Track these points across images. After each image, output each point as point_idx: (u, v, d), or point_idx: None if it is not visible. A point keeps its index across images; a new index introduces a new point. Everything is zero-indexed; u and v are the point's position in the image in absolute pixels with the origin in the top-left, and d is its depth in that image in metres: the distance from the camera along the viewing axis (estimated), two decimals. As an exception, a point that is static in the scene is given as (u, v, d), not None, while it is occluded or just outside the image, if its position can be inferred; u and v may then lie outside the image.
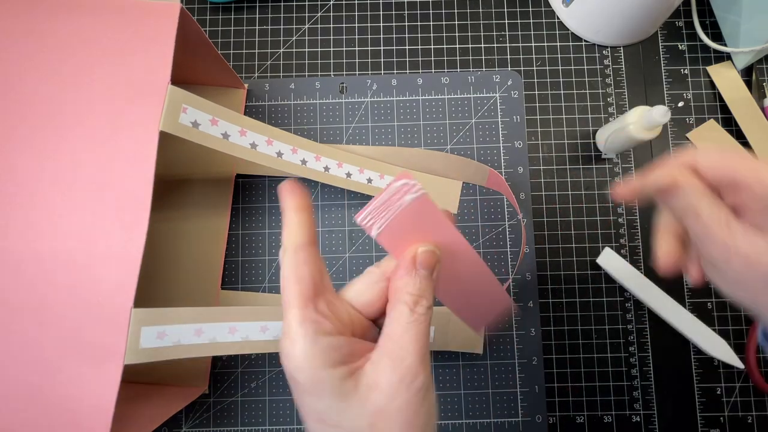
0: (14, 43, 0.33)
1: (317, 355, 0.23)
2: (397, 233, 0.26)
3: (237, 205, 0.50)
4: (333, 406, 0.24)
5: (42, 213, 0.31)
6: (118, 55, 0.34)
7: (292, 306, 0.25)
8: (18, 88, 0.32)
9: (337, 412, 0.24)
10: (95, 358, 0.31)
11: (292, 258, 0.26)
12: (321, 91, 0.52)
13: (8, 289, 0.31)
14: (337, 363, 0.24)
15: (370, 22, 0.54)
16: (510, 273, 0.49)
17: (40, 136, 0.32)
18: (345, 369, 0.24)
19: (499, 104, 0.52)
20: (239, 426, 0.47)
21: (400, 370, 0.24)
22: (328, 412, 0.24)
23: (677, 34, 0.53)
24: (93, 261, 0.31)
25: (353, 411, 0.23)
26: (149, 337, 0.32)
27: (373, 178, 0.47)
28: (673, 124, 0.52)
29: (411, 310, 0.25)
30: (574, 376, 0.48)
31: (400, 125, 0.52)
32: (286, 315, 0.25)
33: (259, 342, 0.37)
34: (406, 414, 0.23)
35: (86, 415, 0.30)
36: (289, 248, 0.26)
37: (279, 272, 0.48)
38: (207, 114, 0.35)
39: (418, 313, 0.25)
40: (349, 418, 0.23)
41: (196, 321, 0.34)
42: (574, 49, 0.53)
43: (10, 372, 0.31)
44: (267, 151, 0.40)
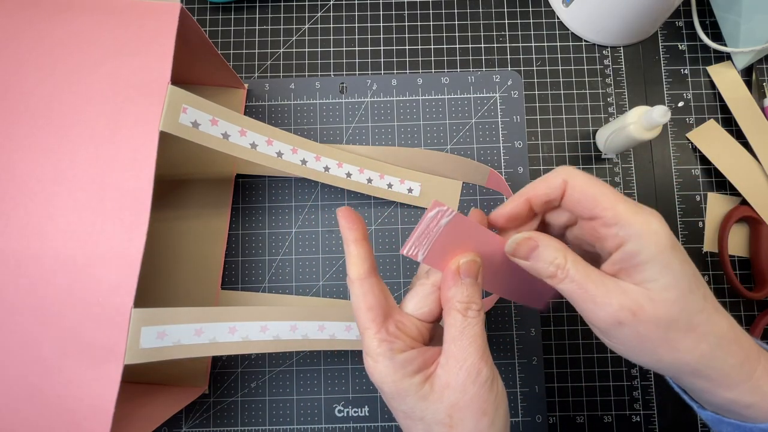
0: (14, 43, 0.33)
1: (396, 369, 0.28)
2: (439, 253, 0.29)
3: (237, 205, 0.50)
4: (415, 406, 0.28)
5: (42, 213, 0.31)
6: (118, 55, 0.34)
7: (368, 331, 0.29)
8: (18, 88, 0.32)
9: (419, 410, 0.28)
10: (95, 359, 0.31)
11: (359, 288, 0.29)
12: (321, 91, 0.52)
13: (8, 290, 0.31)
14: (414, 372, 0.28)
15: (370, 22, 0.54)
16: (510, 273, 0.49)
17: (40, 136, 0.32)
18: (421, 376, 0.28)
19: (499, 104, 0.52)
20: (239, 426, 0.47)
21: (465, 369, 0.27)
22: (412, 410, 0.28)
23: (677, 34, 0.54)
24: (93, 261, 0.31)
25: (433, 407, 0.28)
26: (149, 337, 0.32)
27: (373, 178, 0.47)
28: (673, 124, 0.52)
29: (463, 316, 0.28)
30: (574, 376, 0.48)
31: (400, 125, 0.52)
32: (365, 338, 0.29)
33: (260, 342, 0.37)
34: (477, 403, 0.27)
35: (86, 416, 0.30)
36: (356, 280, 0.30)
37: (279, 272, 0.49)
38: (207, 114, 0.35)
39: (470, 317, 0.28)
40: (430, 413, 0.28)
41: (196, 321, 0.34)
42: (574, 49, 0.53)
43: (10, 372, 0.31)
44: (267, 151, 0.40)
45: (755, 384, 0.26)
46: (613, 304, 0.26)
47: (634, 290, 0.26)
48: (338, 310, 0.40)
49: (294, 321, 0.39)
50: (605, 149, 0.49)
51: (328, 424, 0.47)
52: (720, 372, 0.26)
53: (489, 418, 0.27)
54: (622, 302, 0.26)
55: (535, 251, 0.28)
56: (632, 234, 0.26)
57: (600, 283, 0.27)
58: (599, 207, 0.27)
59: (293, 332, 0.38)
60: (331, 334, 0.40)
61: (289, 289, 0.49)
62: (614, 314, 0.26)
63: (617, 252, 0.27)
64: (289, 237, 0.50)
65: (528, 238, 0.29)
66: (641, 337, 0.26)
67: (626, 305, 0.26)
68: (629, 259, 0.27)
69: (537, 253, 0.28)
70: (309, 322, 0.39)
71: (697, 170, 0.51)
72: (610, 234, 0.27)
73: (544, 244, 0.28)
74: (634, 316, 0.26)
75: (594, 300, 0.27)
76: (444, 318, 0.29)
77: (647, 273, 0.26)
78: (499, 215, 0.31)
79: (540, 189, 0.30)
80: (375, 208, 0.50)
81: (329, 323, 0.40)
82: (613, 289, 0.26)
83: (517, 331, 0.48)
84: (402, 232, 0.50)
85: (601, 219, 0.27)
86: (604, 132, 0.49)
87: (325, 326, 0.40)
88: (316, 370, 0.48)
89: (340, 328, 0.40)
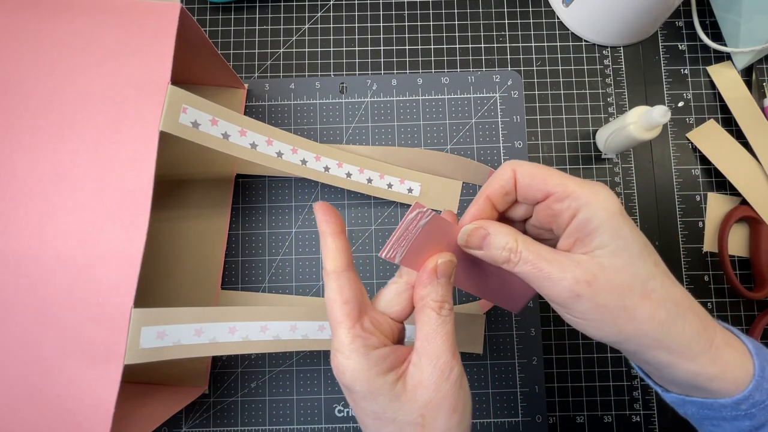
0: (14, 43, 0.33)
1: (370, 366, 0.27)
2: (416, 254, 0.30)
3: (237, 205, 0.50)
4: (388, 407, 0.27)
5: (42, 213, 0.31)
6: (118, 55, 0.34)
7: (341, 325, 0.28)
8: (18, 88, 0.32)
9: (392, 411, 0.27)
10: (95, 359, 0.31)
11: (335, 282, 0.29)
12: (321, 91, 0.52)
13: (8, 290, 0.31)
14: (387, 370, 0.28)
15: (370, 22, 0.54)
16: (510, 273, 0.49)
17: (40, 136, 0.32)
18: (393, 374, 0.28)
19: (499, 104, 0.52)
20: (239, 426, 0.47)
21: (438, 366, 0.27)
22: (384, 411, 0.27)
23: (677, 34, 0.54)
24: (93, 261, 0.31)
25: (405, 407, 0.27)
26: (149, 337, 0.32)
27: (373, 178, 0.47)
28: (673, 124, 0.52)
29: (437, 314, 0.29)
30: (574, 376, 0.48)
31: (400, 125, 0.52)
32: (337, 333, 0.28)
33: (259, 342, 0.37)
34: (449, 401, 0.27)
35: (86, 416, 0.30)
36: (332, 273, 0.29)
37: (279, 272, 0.49)
38: (207, 114, 0.35)
39: (443, 315, 0.29)
40: (402, 413, 0.27)
41: (196, 321, 0.34)
42: (574, 49, 0.53)
43: (10, 372, 0.31)
44: (267, 151, 0.40)
45: (715, 353, 0.27)
46: (568, 278, 0.26)
47: (586, 260, 0.27)
48: None
49: (294, 321, 0.39)
50: (605, 149, 0.49)
51: (328, 424, 0.47)
52: (680, 341, 0.27)
53: (459, 415, 0.28)
54: (576, 275, 0.26)
55: (487, 239, 0.29)
56: (582, 203, 0.27)
57: (553, 259, 0.27)
58: (549, 184, 0.28)
59: (293, 332, 0.38)
60: (330, 335, 0.40)
61: (289, 289, 0.49)
62: (570, 288, 0.26)
63: (571, 223, 0.28)
64: (289, 237, 0.50)
65: (478, 227, 0.29)
66: (599, 308, 0.26)
67: (581, 277, 0.26)
68: (582, 228, 0.27)
69: (488, 241, 0.29)
70: (309, 322, 0.39)
71: (697, 170, 0.51)
72: (563, 208, 0.28)
73: (495, 230, 0.29)
74: (590, 286, 0.26)
75: (549, 277, 0.27)
76: (416, 316, 0.30)
77: (599, 239, 0.27)
78: (466, 219, 0.31)
79: (495, 184, 0.30)
80: (375, 208, 0.50)
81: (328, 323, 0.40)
82: (567, 263, 0.27)
83: (517, 331, 0.48)
84: (402, 232, 0.50)
85: (553, 195, 0.28)
86: (604, 132, 0.49)
87: (324, 326, 0.40)
88: (316, 370, 0.48)
89: None
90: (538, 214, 0.30)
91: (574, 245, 0.28)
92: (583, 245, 0.28)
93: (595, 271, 0.26)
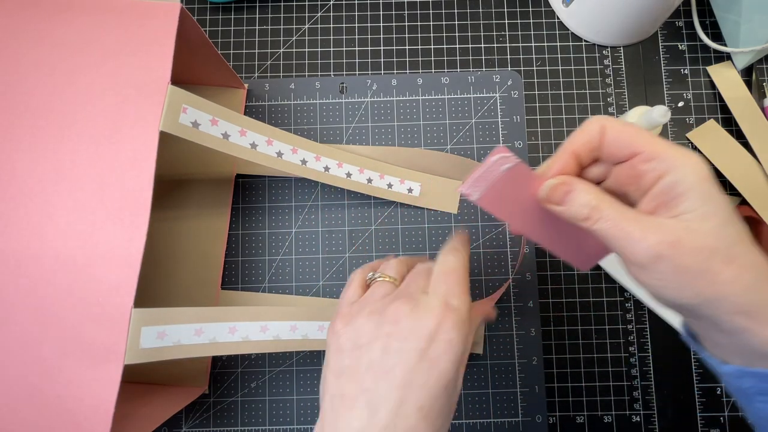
0: (14, 43, 0.33)
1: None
2: (495, 198, 0.30)
3: (237, 205, 0.50)
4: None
5: (42, 213, 0.31)
6: (119, 55, 0.34)
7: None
8: (18, 88, 0.32)
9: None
10: (95, 359, 0.31)
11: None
12: (321, 91, 0.52)
13: (8, 290, 0.31)
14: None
15: (370, 22, 0.54)
16: (510, 273, 0.49)
17: (40, 136, 0.32)
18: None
19: (499, 104, 0.52)
20: (239, 426, 0.47)
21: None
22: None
23: (677, 34, 0.54)
24: (93, 261, 0.31)
25: None
26: (149, 337, 0.32)
27: (373, 178, 0.47)
28: (673, 124, 0.52)
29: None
30: (574, 376, 0.48)
31: (400, 125, 0.52)
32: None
33: (260, 342, 0.37)
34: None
35: (86, 416, 0.30)
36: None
37: (279, 272, 0.49)
38: (207, 114, 0.35)
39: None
40: None
41: (196, 321, 0.34)
42: (574, 49, 0.53)
43: (10, 372, 0.31)
44: (267, 151, 0.40)
45: None
46: (650, 239, 0.26)
47: (672, 223, 0.26)
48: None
49: (294, 321, 0.39)
50: (605, 149, 0.49)
51: (328, 424, 0.47)
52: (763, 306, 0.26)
53: None
54: (660, 236, 0.26)
55: (569, 195, 0.28)
56: (672, 166, 0.26)
57: (636, 220, 0.27)
58: (638, 143, 0.27)
59: (293, 332, 0.38)
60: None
61: (289, 289, 0.49)
62: (653, 248, 0.26)
63: (656, 185, 0.27)
64: (289, 237, 0.50)
65: (562, 183, 0.29)
66: (680, 270, 0.26)
67: (664, 239, 0.25)
68: (669, 191, 0.26)
69: (571, 197, 0.28)
70: (309, 322, 0.39)
71: (697, 170, 0.51)
72: (649, 169, 0.27)
73: (578, 188, 0.28)
74: (673, 248, 0.25)
75: (631, 236, 0.26)
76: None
77: (687, 203, 0.26)
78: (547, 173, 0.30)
79: (581, 138, 0.29)
80: (375, 208, 0.50)
81: (328, 324, 0.40)
82: (650, 224, 0.26)
83: (517, 331, 0.48)
84: (402, 232, 0.50)
85: (640, 155, 0.27)
86: (604, 132, 0.48)
87: (324, 326, 0.40)
88: (316, 370, 0.48)
89: None
90: (618, 175, 0.29)
91: (657, 208, 0.27)
92: (667, 209, 0.27)
93: (680, 233, 0.26)
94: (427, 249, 0.50)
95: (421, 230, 0.50)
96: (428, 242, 0.50)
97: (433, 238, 0.50)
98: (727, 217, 0.26)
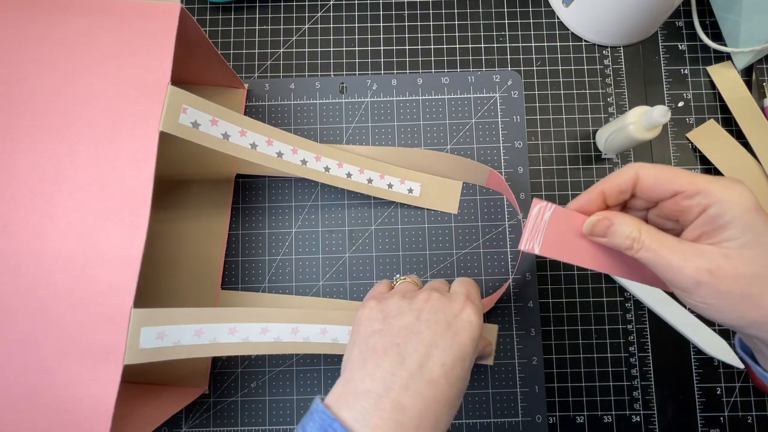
0: (15, 44, 0.33)
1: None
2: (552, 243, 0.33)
3: (237, 205, 0.50)
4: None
5: (42, 213, 0.31)
6: (119, 55, 0.34)
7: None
8: (18, 89, 0.32)
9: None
10: (95, 359, 0.31)
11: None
12: (321, 91, 0.52)
13: (8, 290, 0.31)
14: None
15: (370, 22, 0.54)
16: (510, 273, 0.49)
17: (40, 137, 0.32)
18: None
19: (499, 104, 0.52)
20: (239, 426, 0.47)
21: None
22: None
23: (677, 34, 0.53)
24: (93, 261, 0.31)
25: None
26: (149, 337, 0.32)
27: (374, 178, 0.47)
28: (673, 124, 0.52)
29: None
30: (574, 376, 0.48)
31: (400, 125, 0.52)
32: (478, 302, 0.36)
33: (260, 344, 0.37)
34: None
35: (86, 416, 0.30)
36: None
37: (279, 272, 0.49)
38: (207, 114, 0.35)
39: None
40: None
41: (196, 321, 0.34)
42: (574, 49, 0.53)
43: (10, 372, 0.31)
44: (267, 152, 0.40)
45: None
46: (689, 266, 0.27)
47: (711, 250, 0.27)
48: (341, 313, 0.40)
49: (295, 323, 0.38)
50: (605, 149, 0.49)
51: (328, 424, 0.47)
52: None
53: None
54: (698, 263, 0.27)
55: (611, 228, 0.30)
56: (715, 199, 0.27)
57: (675, 248, 0.28)
58: (677, 184, 0.28)
59: (294, 335, 0.38)
60: (333, 338, 0.40)
61: (289, 289, 0.49)
62: (691, 275, 0.27)
63: (700, 217, 0.28)
64: (289, 237, 0.50)
65: (603, 219, 0.31)
66: (721, 295, 0.27)
67: (702, 266, 0.27)
68: (712, 221, 0.28)
69: (613, 230, 0.30)
70: (310, 325, 0.39)
71: (697, 170, 0.51)
72: (693, 204, 0.28)
73: (619, 221, 0.30)
74: (711, 274, 0.27)
75: (670, 264, 0.28)
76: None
77: (729, 233, 0.27)
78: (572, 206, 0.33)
79: (613, 182, 0.31)
80: (375, 208, 0.50)
81: (331, 327, 0.39)
82: (690, 252, 0.28)
83: (517, 331, 0.48)
84: (402, 232, 0.50)
85: (682, 193, 0.28)
86: (604, 132, 0.48)
87: (327, 329, 0.39)
88: (316, 370, 0.48)
89: (342, 332, 0.40)
90: (663, 208, 0.31)
91: (700, 237, 0.29)
92: (710, 237, 0.28)
93: (720, 260, 0.27)
94: (427, 249, 0.50)
95: (421, 230, 0.50)
96: (428, 242, 0.50)
97: (433, 238, 0.50)
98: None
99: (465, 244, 0.50)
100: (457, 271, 0.49)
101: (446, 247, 0.50)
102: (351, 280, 0.49)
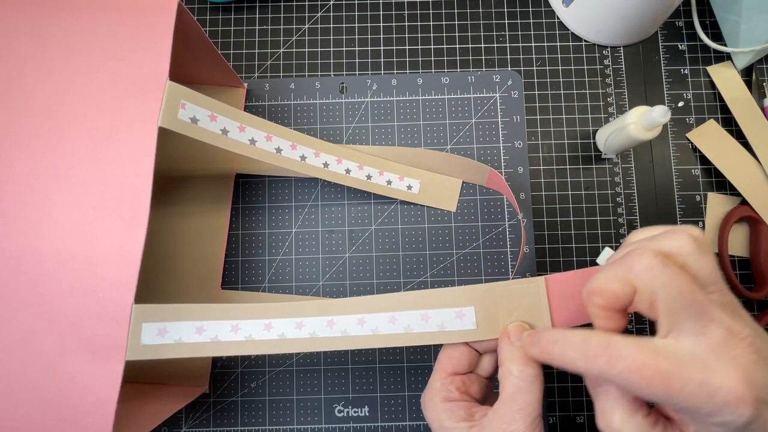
0: (12, 41, 0.33)
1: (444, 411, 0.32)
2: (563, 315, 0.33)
3: (237, 205, 0.50)
4: None
5: (42, 210, 0.31)
6: (116, 51, 0.34)
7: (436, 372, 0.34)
8: (16, 86, 0.33)
9: None
10: (96, 354, 0.31)
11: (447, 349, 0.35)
12: (321, 91, 0.52)
13: (8, 287, 0.31)
14: (460, 419, 0.31)
15: (370, 22, 0.54)
16: (510, 273, 0.49)
17: (39, 134, 0.32)
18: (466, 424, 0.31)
19: (499, 104, 0.52)
20: (239, 426, 0.47)
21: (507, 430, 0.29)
22: None
23: (677, 34, 0.54)
24: (93, 258, 0.31)
25: None
26: (150, 333, 0.32)
27: (373, 174, 0.47)
28: (673, 124, 0.52)
29: (512, 376, 0.30)
30: (574, 376, 0.48)
31: (400, 125, 0.52)
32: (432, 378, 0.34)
33: (263, 342, 0.35)
34: None
35: (88, 411, 0.30)
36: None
37: (279, 272, 0.49)
38: (206, 110, 0.35)
39: (519, 378, 0.30)
40: None
41: (197, 318, 0.34)
42: (574, 49, 0.53)
43: (11, 369, 0.31)
44: (266, 147, 0.40)
45: None
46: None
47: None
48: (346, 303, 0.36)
49: (300, 318, 0.36)
50: (605, 149, 0.49)
51: (328, 424, 0.47)
52: None
53: None
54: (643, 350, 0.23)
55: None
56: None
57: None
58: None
59: (300, 330, 0.35)
60: (342, 330, 0.35)
61: (289, 289, 0.49)
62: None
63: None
64: (289, 237, 0.50)
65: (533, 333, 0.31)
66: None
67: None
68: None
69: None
70: (317, 318, 0.36)
71: (697, 170, 0.51)
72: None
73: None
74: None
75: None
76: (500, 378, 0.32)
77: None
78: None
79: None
80: (375, 208, 0.50)
81: (339, 317, 0.35)
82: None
83: (518, 330, 0.48)
84: (402, 231, 0.50)
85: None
86: (604, 132, 0.49)
87: (335, 321, 0.35)
88: (316, 370, 0.48)
89: (351, 322, 0.35)
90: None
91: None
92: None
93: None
94: (427, 249, 0.50)
95: (421, 230, 0.50)
96: (428, 242, 0.50)
97: (433, 238, 0.50)
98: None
99: (465, 244, 0.50)
100: (457, 271, 0.49)
101: (446, 247, 0.50)
102: (351, 280, 0.49)
